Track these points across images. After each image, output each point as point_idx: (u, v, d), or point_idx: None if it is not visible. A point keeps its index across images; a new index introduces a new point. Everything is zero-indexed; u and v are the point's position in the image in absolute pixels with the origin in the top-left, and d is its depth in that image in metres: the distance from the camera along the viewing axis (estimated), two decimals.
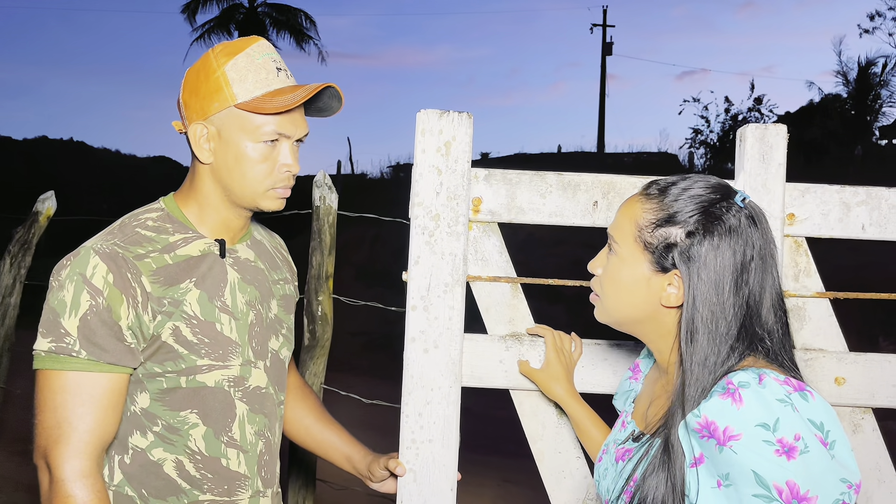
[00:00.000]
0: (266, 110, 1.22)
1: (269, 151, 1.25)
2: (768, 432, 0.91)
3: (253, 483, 1.31)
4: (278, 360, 1.38)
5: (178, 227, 1.28)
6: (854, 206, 1.51)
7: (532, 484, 1.59)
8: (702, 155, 19.43)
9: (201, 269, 1.26)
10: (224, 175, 1.26)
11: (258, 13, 22.05)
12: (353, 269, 11.52)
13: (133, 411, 1.24)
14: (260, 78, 1.24)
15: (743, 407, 0.93)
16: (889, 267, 9.54)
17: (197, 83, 1.25)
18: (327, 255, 2.75)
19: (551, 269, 3.98)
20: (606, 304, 1.13)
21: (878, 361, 1.52)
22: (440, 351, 1.47)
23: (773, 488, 0.90)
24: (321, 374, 2.77)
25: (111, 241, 1.21)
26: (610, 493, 1.14)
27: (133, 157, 27.79)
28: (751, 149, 1.49)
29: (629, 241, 1.09)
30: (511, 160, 20.10)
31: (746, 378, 0.95)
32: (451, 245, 1.47)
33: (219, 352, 1.26)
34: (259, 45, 1.26)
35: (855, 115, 18.06)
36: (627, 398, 1.28)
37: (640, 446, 1.11)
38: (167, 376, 1.23)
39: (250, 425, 1.30)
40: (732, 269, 1.01)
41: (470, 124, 1.47)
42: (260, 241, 1.42)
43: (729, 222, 1.02)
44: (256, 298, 1.33)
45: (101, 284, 1.17)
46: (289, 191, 1.30)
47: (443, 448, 1.47)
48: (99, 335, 1.16)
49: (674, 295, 1.05)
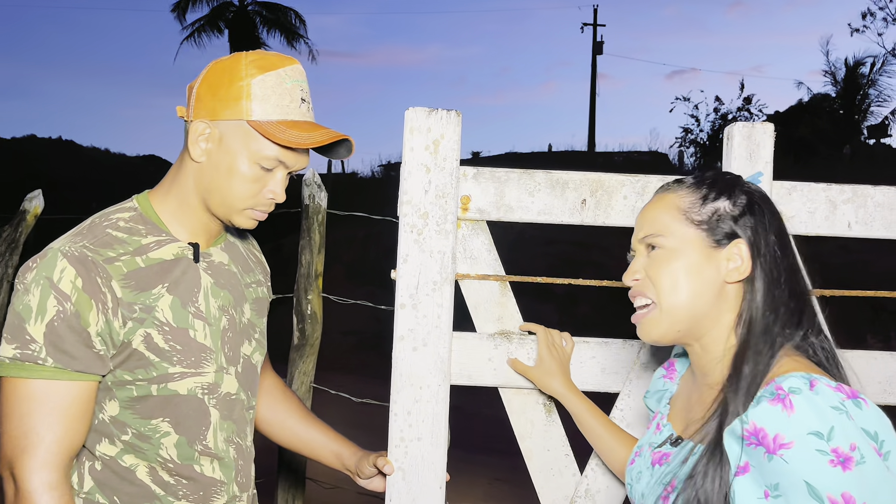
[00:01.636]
0: (276, 139, 1.17)
1: (262, 175, 1.21)
2: (822, 441, 0.86)
3: (229, 489, 1.29)
4: (250, 365, 1.35)
5: (151, 228, 1.23)
6: (840, 204, 1.52)
7: (522, 482, 1.60)
8: (692, 154, 19.52)
9: (174, 273, 1.22)
10: (209, 180, 1.22)
11: (248, 12, 21.95)
12: (343, 268, 11.50)
13: (101, 419, 1.20)
14: (283, 104, 1.19)
15: (794, 414, 0.88)
16: (877, 265, 9.62)
17: (219, 82, 1.20)
18: (317, 254, 2.74)
19: (542, 268, 4.00)
20: (667, 302, 1.06)
21: (864, 358, 1.53)
22: (429, 349, 1.47)
23: (826, 500, 0.86)
24: (311, 373, 2.77)
25: (80, 244, 1.16)
26: (645, 499, 1.11)
27: (122, 156, 27.64)
28: (738, 147, 1.49)
29: (676, 227, 1.08)
30: (502, 159, 20.11)
31: (797, 384, 0.91)
32: (440, 243, 1.47)
33: (191, 359, 1.22)
34: (293, 70, 1.22)
35: (844, 115, 18.18)
36: (662, 398, 1.24)
37: (679, 450, 1.08)
38: (138, 384, 1.19)
39: (221, 432, 1.28)
40: (779, 230, 1.06)
41: (458, 122, 1.48)
42: (233, 243, 1.38)
43: (760, 192, 1.09)
44: (230, 303, 1.30)
45: (69, 289, 1.12)
46: (265, 215, 1.26)
47: (432, 446, 1.47)
48: (67, 342, 1.12)
49: (738, 268, 1.04)
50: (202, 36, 21.49)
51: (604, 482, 1.52)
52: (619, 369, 1.54)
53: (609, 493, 1.52)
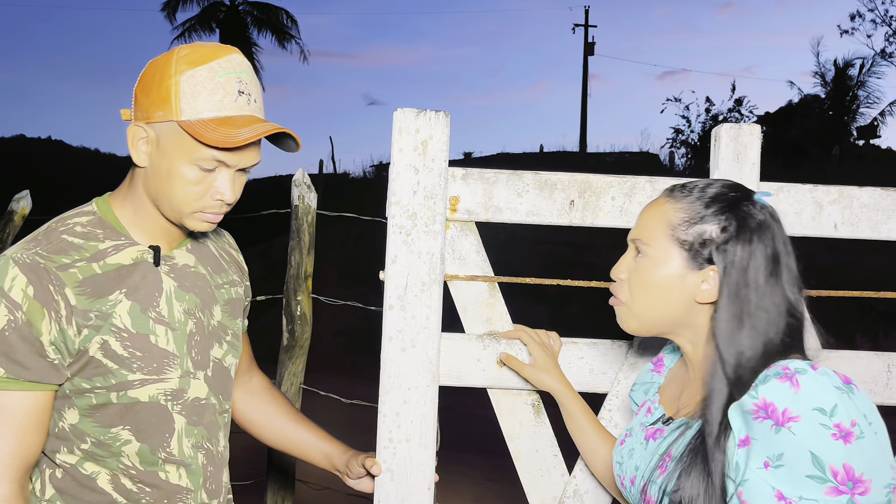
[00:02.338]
0: (204, 139, 1.11)
1: (204, 176, 1.15)
2: (825, 416, 0.93)
3: (196, 496, 1.26)
4: (222, 368, 1.31)
5: (110, 232, 1.20)
6: (826, 205, 1.53)
7: (513, 482, 1.60)
8: (683, 155, 19.58)
9: (133, 278, 1.19)
10: (155, 184, 1.17)
11: (239, 12, 21.89)
12: (334, 269, 11.48)
13: (61, 427, 1.18)
14: (214, 100, 1.13)
15: (801, 391, 0.95)
16: (866, 265, 9.68)
17: (151, 82, 1.15)
18: (306, 255, 2.74)
19: (534, 268, 4.00)
20: (637, 306, 1.14)
21: (850, 358, 1.54)
22: (417, 350, 1.47)
23: (828, 469, 0.92)
24: (300, 375, 2.76)
25: (33, 250, 1.13)
26: (639, 471, 1.16)
27: (112, 157, 27.48)
28: (725, 148, 1.50)
29: (662, 240, 1.11)
30: (494, 160, 20.13)
31: (802, 365, 0.98)
32: (429, 244, 1.47)
33: (153, 365, 1.19)
34: (228, 61, 1.15)
35: (833, 116, 18.29)
36: (649, 390, 1.30)
37: (673, 427, 1.13)
38: (96, 392, 1.16)
39: (188, 438, 1.25)
40: (765, 262, 1.05)
41: (447, 123, 1.48)
42: (202, 243, 1.33)
43: (758, 218, 1.07)
44: (196, 306, 1.26)
45: (20, 298, 1.09)
46: (220, 216, 1.20)
47: (420, 447, 1.47)
48: (19, 352, 1.09)
49: (708, 291, 1.08)
50: (192, 36, 21.39)
51: (592, 483, 1.52)
52: (607, 370, 1.54)
53: (597, 494, 1.53)
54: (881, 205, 1.53)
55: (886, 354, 1.55)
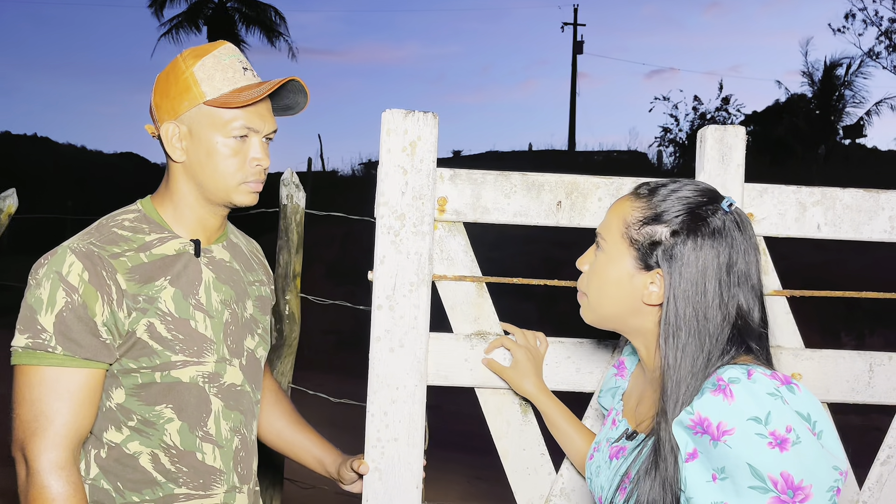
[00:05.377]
0: (234, 104, 1.26)
1: (240, 146, 1.29)
2: (760, 425, 0.93)
3: (228, 478, 1.34)
4: (254, 358, 1.40)
5: (154, 227, 1.31)
6: (810, 206, 1.55)
7: (501, 480, 1.61)
8: (671, 153, 19.68)
9: (176, 267, 1.29)
10: (197, 171, 1.30)
11: (227, 9, 21.75)
12: (323, 268, 11.46)
13: (109, 406, 1.26)
14: (227, 77, 1.28)
15: (734, 402, 0.95)
16: (849, 264, 9.77)
17: (167, 85, 1.30)
18: (295, 254, 2.74)
19: (523, 268, 4.01)
20: (591, 300, 1.16)
21: (833, 357, 1.56)
22: (406, 350, 1.48)
23: (768, 479, 0.93)
24: (288, 374, 2.76)
25: (87, 241, 1.24)
26: (604, 491, 1.16)
27: (99, 154, 27.26)
28: (710, 150, 1.52)
29: (616, 237, 1.12)
30: (483, 158, 20.14)
31: (736, 374, 0.98)
32: (417, 244, 1.48)
33: (193, 348, 1.28)
34: (225, 48, 1.32)
35: (819, 115, 18.41)
36: (615, 395, 1.30)
37: (633, 445, 1.13)
38: (142, 372, 1.25)
39: (225, 421, 1.33)
40: (716, 270, 1.04)
41: (435, 124, 1.48)
42: (236, 243, 1.45)
43: (713, 224, 1.05)
44: (231, 298, 1.36)
45: (77, 282, 1.20)
46: (261, 185, 1.33)
47: (408, 446, 1.48)
48: (75, 331, 1.19)
49: (654, 293, 1.08)
50: (180, 33, 21.26)
51: (578, 481, 1.54)
52: (593, 369, 1.56)
53: (583, 492, 1.54)
54: (863, 206, 1.55)
55: (868, 353, 1.57)
